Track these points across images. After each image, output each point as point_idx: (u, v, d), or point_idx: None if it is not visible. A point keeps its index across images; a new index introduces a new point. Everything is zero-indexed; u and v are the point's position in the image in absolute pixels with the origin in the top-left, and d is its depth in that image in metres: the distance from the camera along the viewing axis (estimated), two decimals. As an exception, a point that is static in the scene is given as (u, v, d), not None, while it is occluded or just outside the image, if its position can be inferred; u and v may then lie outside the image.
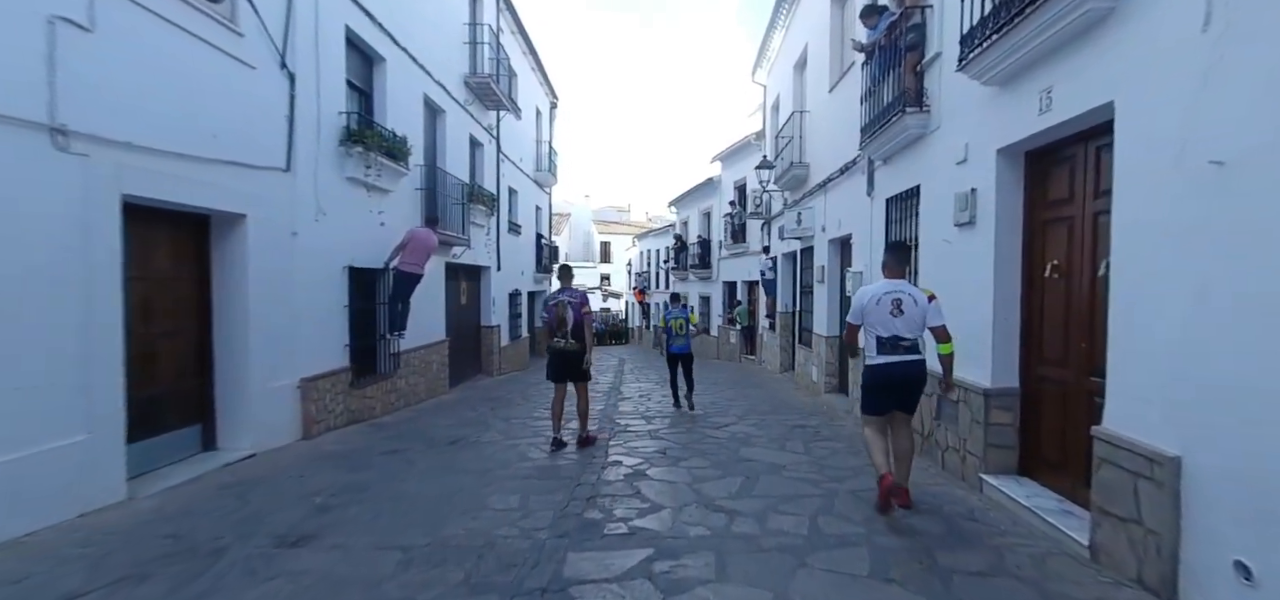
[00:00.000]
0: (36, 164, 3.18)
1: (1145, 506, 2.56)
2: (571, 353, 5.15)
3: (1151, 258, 2.59)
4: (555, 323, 5.17)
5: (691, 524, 3.46)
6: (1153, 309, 2.57)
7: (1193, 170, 2.35)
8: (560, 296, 5.22)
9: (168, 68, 4.03)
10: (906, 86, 5.14)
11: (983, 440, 3.95)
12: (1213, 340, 2.27)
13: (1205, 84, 2.31)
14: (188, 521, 3.41)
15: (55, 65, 3.24)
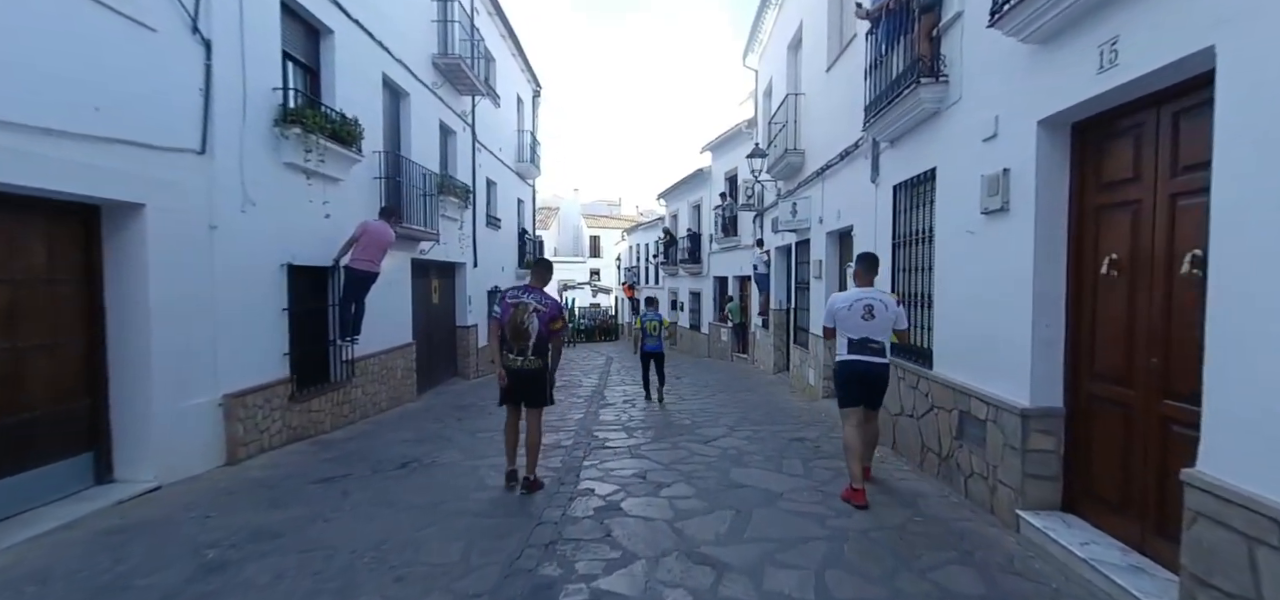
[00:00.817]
0: None
1: (1267, 582, 1.91)
2: (530, 372, 4.03)
3: (1272, 250, 1.94)
4: (511, 330, 3.99)
5: (669, 583, 2.79)
6: (1275, 317, 1.92)
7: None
8: (524, 298, 4.03)
9: (34, 27, 3.27)
10: (920, 53, 4.47)
11: (1019, 469, 3.31)
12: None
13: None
14: (33, 591, 2.68)
15: None
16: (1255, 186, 2.01)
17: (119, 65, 3.86)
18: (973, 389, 3.86)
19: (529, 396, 4.11)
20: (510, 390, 4.10)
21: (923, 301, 4.82)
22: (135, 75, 3.98)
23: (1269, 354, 1.95)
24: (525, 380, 4.06)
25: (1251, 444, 2.00)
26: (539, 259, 4.60)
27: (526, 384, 4.07)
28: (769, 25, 11.71)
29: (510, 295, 4.09)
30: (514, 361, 4.02)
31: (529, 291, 4.09)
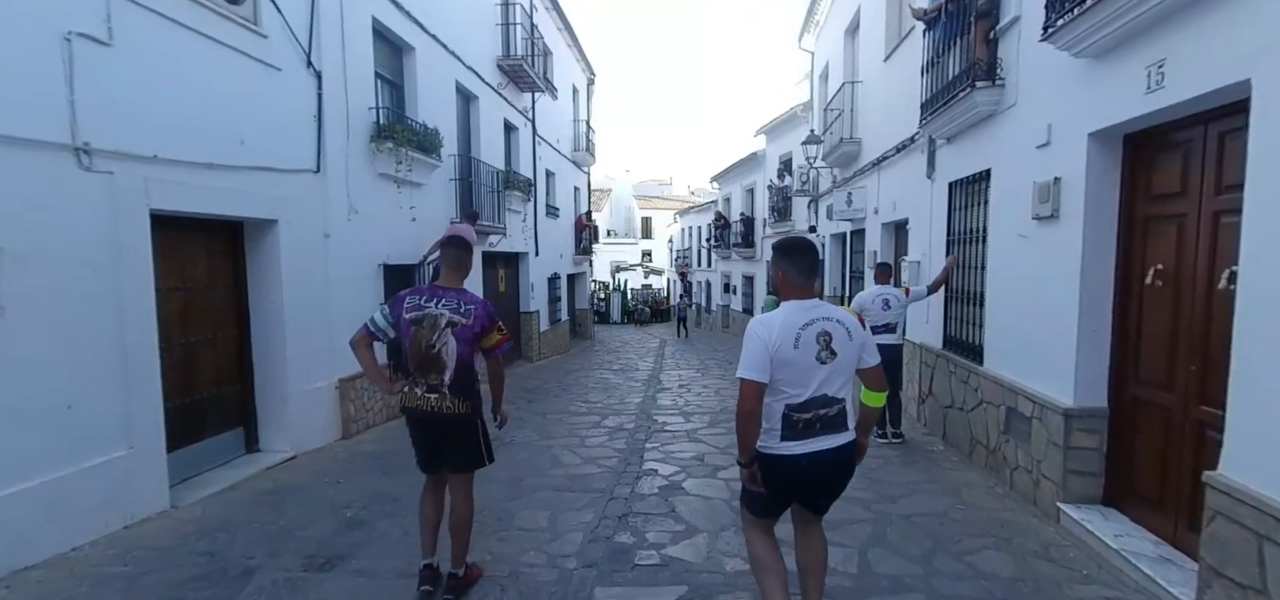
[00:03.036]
0: (62, 185, 3.18)
1: (1273, 576, 2.12)
2: (448, 420, 2.57)
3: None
4: (415, 359, 2.54)
5: (728, 554, 3.22)
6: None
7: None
8: (429, 305, 2.54)
9: (190, 76, 3.98)
10: (976, 57, 4.55)
11: (1061, 464, 3.50)
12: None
13: (1392, 60, 1.79)
14: (224, 536, 3.43)
15: (74, 83, 3.20)
16: (1273, 211, 2.17)
17: (255, 103, 4.57)
18: (1020, 386, 4.03)
19: (451, 455, 2.65)
20: (428, 445, 2.68)
21: (975, 299, 4.96)
22: (266, 110, 4.70)
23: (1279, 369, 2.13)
24: (442, 432, 2.60)
25: (1264, 453, 2.19)
26: (451, 237, 2.81)
27: (444, 437, 2.61)
28: (826, 7, 11.56)
29: (407, 304, 2.56)
30: (421, 401, 2.55)
31: (437, 295, 2.57)
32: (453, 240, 2.80)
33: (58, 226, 3.15)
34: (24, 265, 2.99)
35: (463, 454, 2.68)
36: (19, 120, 2.97)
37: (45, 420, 3.10)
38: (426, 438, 2.68)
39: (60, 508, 3.13)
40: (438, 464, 2.72)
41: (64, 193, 3.18)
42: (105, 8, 3.37)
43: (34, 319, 3.04)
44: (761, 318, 2.10)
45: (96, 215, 3.35)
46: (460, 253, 2.73)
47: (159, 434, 3.74)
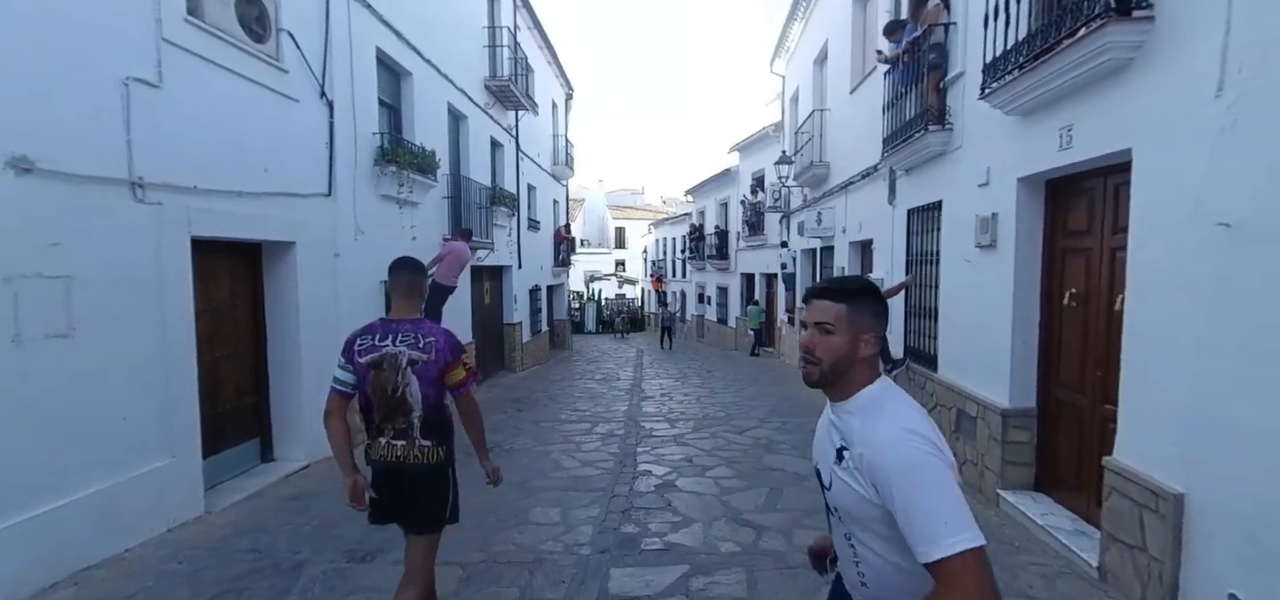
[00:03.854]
0: (119, 216, 3.48)
1: (1150, 536, 2.74)
2: (417, 472, 2.28)
3: (1164, 301, 2.73)
4: (379, 404, 2.27)
5: (722, 539, 3.72)
6: (1163, 350, 2.72)
7: (1205, 226, 2.48)
8: (386, 344, 2.25)
9: (223, 111, 4.29)
10: (929, 103, 5.22)
11: (1000, 457, 4.13)
12: (1220, 388, 2.43)
13: (1217, 147, 2.43)
14: (264, 536, 3.75)
15: (131, 123, 3.51)
16: (1156, 256, 2.80)
17: (276, 133, 4.89)
18: (967, 391, 4.67)
19: (412, 514, 2.31)
20: (387, 500, 2.31)
21: (931, 315, 5.61)
22: (286, 139, 5.01)
23: (1158, 377, 2.75)
24: (411, 483, 2.28)
25: (1144, 441, 2.82)
26: (401, 260, 2.44)
27: (408, 490, 2.29)
28: (796, 36, 12.34)
29: (359, 346, 2.27)
30: (385, 449, 2.29)
31: (393, 330, 2.27)
32: (404, 262, 2.41)
33: (114, 254, 3.45)
34: (87, 290, 3.28)
35: (424, 511, 2.27)
36: (87, 160, 3.27)
37: (104, 432, 3.38)
38: (392, 490, 2.28)
39: (114, 512, 3.41)
40: (390, 519, 2.32)
41: (120, 223, 3.48)
42: (156, 53, 3.69)
43: (95, 339, 3.33)
44: (919, 421, 1.15)
45: (146, 243, 3.65)
46: (414, 276, 2.40)
47: (196, 444, 4.02)
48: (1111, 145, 3.08)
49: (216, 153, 4.22)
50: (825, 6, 9.96)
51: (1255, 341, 2.25)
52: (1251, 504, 2.28)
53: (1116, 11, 2.86)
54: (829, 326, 1.21)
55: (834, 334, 1.21)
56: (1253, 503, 2.28)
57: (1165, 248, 2.72)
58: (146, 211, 3.64)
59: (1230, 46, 2.38)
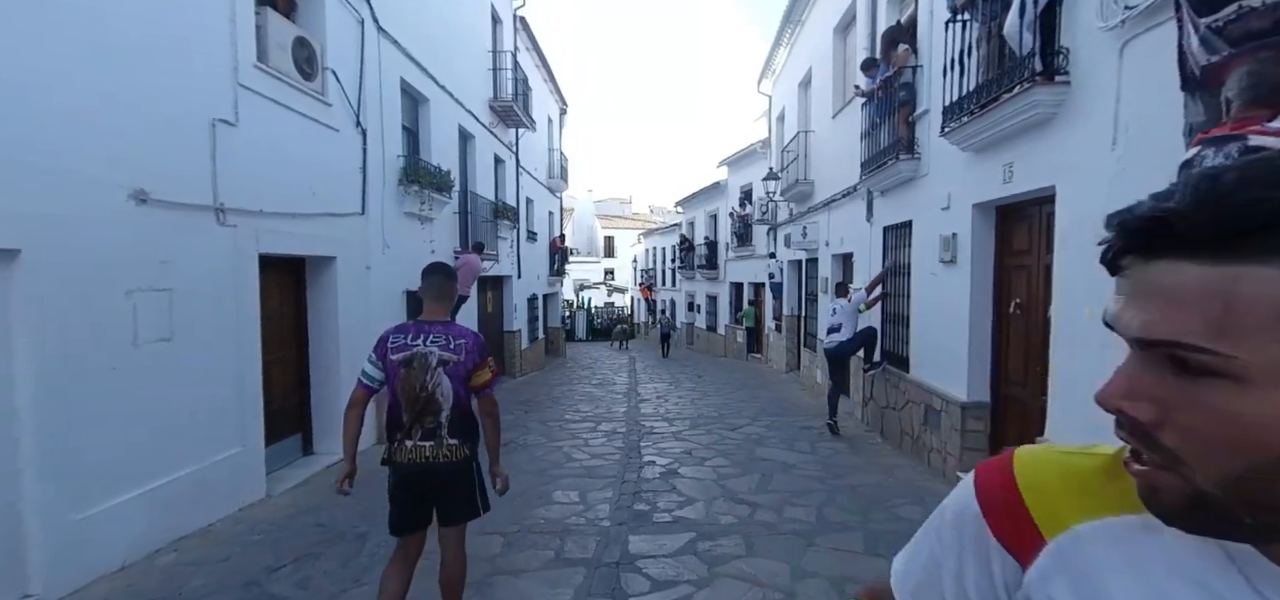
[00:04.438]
0: (206, 238, 4.03)
1: (1072, 498, 3.40)
2: (449, 468, 2.40)
3: (1078, 309, 3.41)
4: (408, 403, 2.37)
5: (721, 513, 4.33)
6: (1078, 348, 3.41)
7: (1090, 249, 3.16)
8: (418, 343, 2.38)
9: (281, 142, 4.85)
10: (900, 136, 5.94)
11: (960, 444, 4.81)
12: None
13: (1112, 187, 3.13)
14: (324, 514, 4.29)
15: (216, 157, 4.07)
16: (1074, 273, 3.49)
17: (321, 160, 5.45)
18: (934, 388, 5.35)
19: (446, 508, 2.47)
20: (412, 502, 2.45)
21: (904, 321, 6.31)
22: (329, 165, 5.58)
23: (1074, 371, 3.44)
24: (440, 481, 2.42)
25: (1066, 423, 3.50)
26: (433, 265, 2.62)
27: (442, 487, 2.43)
28: (781, 61, 13.12)
29: (392, 344, 2.40)
30: (413, 451, 2.37)
31: (424, 330, 2.41)
32: (436, 267, 2.55)
33: (202, 270, 4.00)
34: (182, 301, 3.82)
35: (458, 504, 2.42)
36: (184, 190, 3.83)
37: (194, 422, 3.91)
38: (417, 492, 2.39)
39: (201, 491, 3.94)
40: (423, 520, 2.45)
41: (207, 244, 4.03)
42: (233, 96, 4.26)
43: (188, 343, 3.86)
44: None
45: (225, 260, 4.20)
46: (444, 281, 2.51)
47: (261, 435, 4.56)
48: (1042, 181, 3.78)
49: (276, 179, 4.78)
50: (809, 35, 10.72)
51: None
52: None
53: (1042, 76, 3.57)
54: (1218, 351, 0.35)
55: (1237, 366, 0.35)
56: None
57: (1078, 265, 3.41)
58: (226, 233, 4.19)
59: (1120, 113, 3.08)
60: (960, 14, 4.42)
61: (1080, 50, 3.40)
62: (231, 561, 3.56)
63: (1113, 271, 0.43)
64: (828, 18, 9.20)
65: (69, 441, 3.07)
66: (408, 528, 2.46)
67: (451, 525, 2.48)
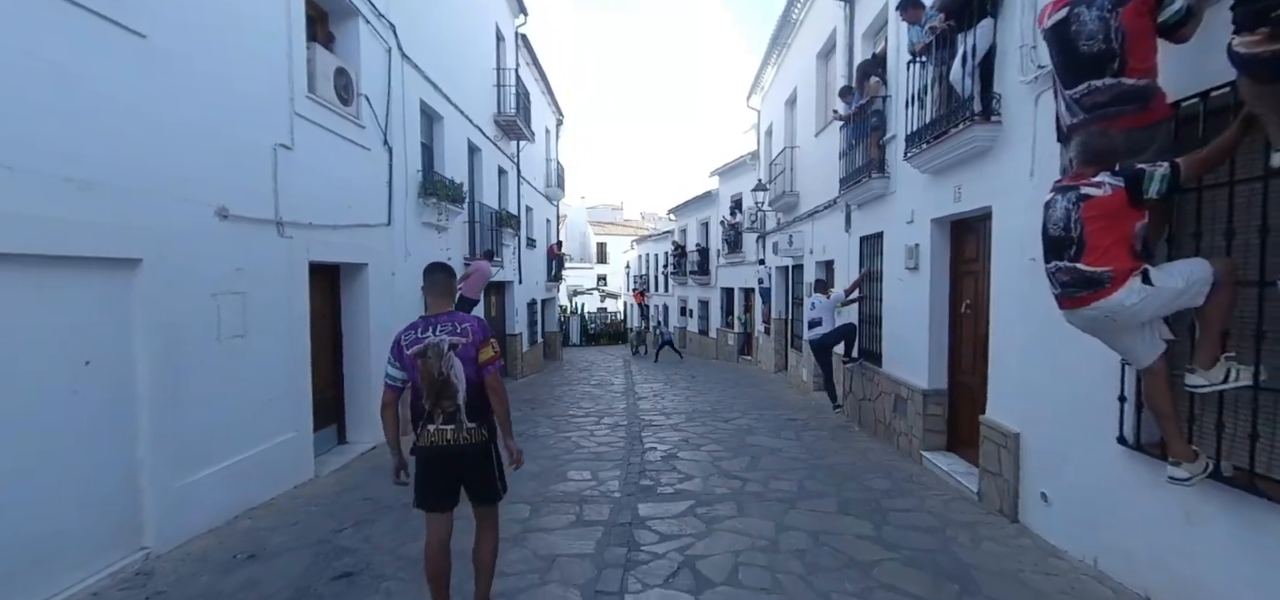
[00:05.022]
0: (269, 248, 4.64)
1: (1004, 465, 4.12)
2: (470, 449, 2.66)
3: (1009, 309, 4.14)
4: (428, 390, 2.63)
5: (716, 486, 5.00)
6: (1008, 342, 4.13)
7: (1024, 260, 3.89)
8: (428, 335, 2.64)
9: (325, 162, 5.47)
10: (872, 157, 6.68)
11: (922, 427, 5.52)
12: (1034, 365, 3.83)
13: (1029, 211, 3.85)
14: (371, 489, 4.90)
15: (278, 179, 4.69)
16: (1004, 280, 4.22)
17: (355, 177, 6.07)
18: (902, 379, 6.06)
19: (474, 487, 2.72)
20: (439, 481, 2.68)
21: (877, 321, 7.03)
22: (361, 181, 6.20)
23: (1006, 360, 4.15)
24: (465, 461, 2.67)
25: (1001, 403, 4.21)
26: (433, 265, 2.90)
27: (467, 467, 2.68)
28: (769, 79, 13.90)
29: (405, 341, 2.66)
30: (435, 434, 2.64)
31: (432, 323, 2.66)
32: (437, 266, 2.85)
33: (266, 276, 4.60)
34: (252, 303, 4.43)
35: (481, 485, 2.69)
36: (254, 207, 4.44)
37: (260, 409, 4.52)
38: (446, 474, 2.64)
39: (265, 469, 4.54)
40: (447, 500, 2.67)
41: (270, 254, 4.65)
42: (290, 124, 4.88)
43: (256, 340, 4.47)
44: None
45: (283, 267, 4.81)
46: (446, 278, 2.81)
47: (310, 422, 5.16)
48: (982, 202, 4.51)
49: (321, 195, 5.39)
50: (795, 58, 11.50)
51: (1045, 336, 3.65)
52: (1049, 436, 3.68)
53: (980, 116, 4.30)
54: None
55: None
56: (1049, 435, 3.68)
57: (1007, 273, 4.13)
58: (284, 243, 4.81)
59: (1036, 150, 3.81)
60: (918, 57, 5.17)
61: (1009, 97, 4.14)
62: (299, 525, 4.16)
63: None
64: (811, 44, 9.97)
65: (173, 420, 3.67)
66: (431, 504, 2.67)
67: (483, 506, 2.74)
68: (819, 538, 3.86)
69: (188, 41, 3.83)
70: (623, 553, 3.67)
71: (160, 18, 3.59)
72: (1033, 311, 3.78)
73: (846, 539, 3.85)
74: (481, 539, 2.77)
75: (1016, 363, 4.03)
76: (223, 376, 4.12)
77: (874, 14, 7.14)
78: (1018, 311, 3.99)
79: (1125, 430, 3.06)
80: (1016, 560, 3.49)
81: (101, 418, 3.28)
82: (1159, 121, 2.50)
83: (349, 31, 6.16)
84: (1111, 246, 2.38)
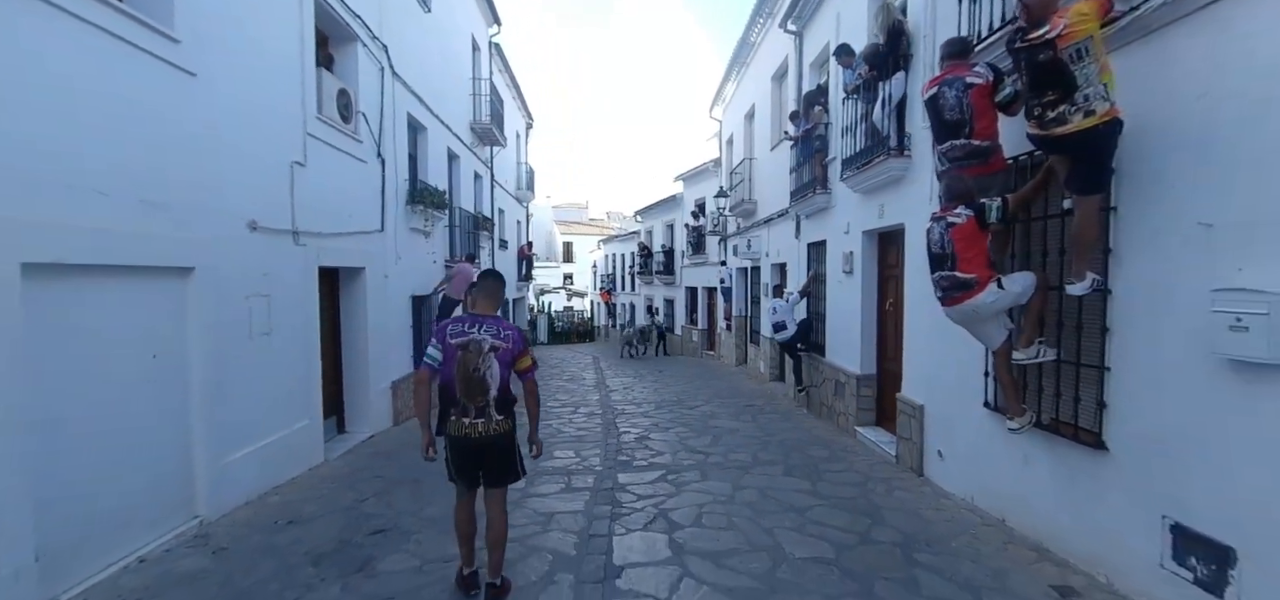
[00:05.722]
0: (287, 255, 5.21)
1: (913, 431, 5.12)
2: (492, 440, 2.94)
3: (917, 308, 5.13)
4: (462, 384, 2.88)
5: (682, 458, 5.85)
6: (917, 334, 5.12)
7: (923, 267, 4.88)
8: (473, 331, 2.90)
9: (331, 176, 6.03)
10: (817, 175, 7.67)
11: (856, 407, 6.52)
12: (932, 352, 4.82)
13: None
14: (379, 469, 5.52)
15: (294, 192, 5.26)
16: (913, 285, 5.21)
17: (354, 188, 6.63)
18: (841, 368, 7.07)
19: (490, 471, 3.01)
20: (467, 464, 2.99)
21: (822, 318, 8.04)
22: (359, 191, 6.76)
23: (915, 348, 5.15)
24: (486, 451, 2.93)
25: (911, 383, 5.22)
26: (488, 271, 3.26)
27: (492, 454, 2.95)
28: (730, 92, 14.89)
29: (451, 332, 2.91)
30: (469, 428, 2.88)
31: (478, 322, 2.91)
32: (490, 272, 3.24)
33: (285, 280, 5.17)
34: (275, 304, 5.00)
35: (501, 470, 2.98)
36: (275, 219, 5.01)
37: (283, 398, 5.08)
38: (470, 460, 2.94)
39: (287, 452, 5.11)
40: (474, 482, 3.00)
41: (288, 260, 5.21)
42: (303, 143, 5.45)
43: (279, 338, 5.04)
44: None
45: (298, 272, 5.37)
46: (496, 284, 3.08)
47: (320, 411, 5.73)
48: (898, 219, 5.51)
49: (327, 206, 5.95)
50: (752, 78, 12.50)
51: (940, 329, 4.63)
52: (943, 406, 4.68)
53: (896, 150, 5.28)
54: None
55: None
56: (943, 405, 4.68)
57: (915, 279, 5.13)
58: (299, 251, 5.37)
59: (932, 183, 4.79)
60: (851, 96, 6.15)
61: (917, 137, 5.14)
62: (325, 498, 4.77)
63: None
64: (767, 67, 10.97)
65: (219, 407, 4.24)
66: (460, 486, 3.04)
67: (495, 488, 3.00)
68: (766, 493, 4.76)
69: (225, 75, 4.39)
70: (608, 509, 4.46)
71: (207, 56, 4.16)
72: (933, 310, 4.76)
73: (788, 493, 4.76)
74: (492, 519, 3.00)
75: (922, 350, 5.03)
76: (254, 369, 4.69)
77: (819, 49, 8.14)
78: (922, 310, 4.98)
79: (988, 397, 4.05)
80: (917, 502, 4.47)
81: (165, 405, 3.84)
82: (997, 172, 3.47)
83: (348, 55, 6.71)
84: (974, 259, 3.33)
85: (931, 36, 4.78)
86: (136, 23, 3.54)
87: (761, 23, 11.17)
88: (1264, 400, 2.28)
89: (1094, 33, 2.60)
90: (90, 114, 3.26)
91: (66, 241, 3.09)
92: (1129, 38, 2.84)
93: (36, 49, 2.97)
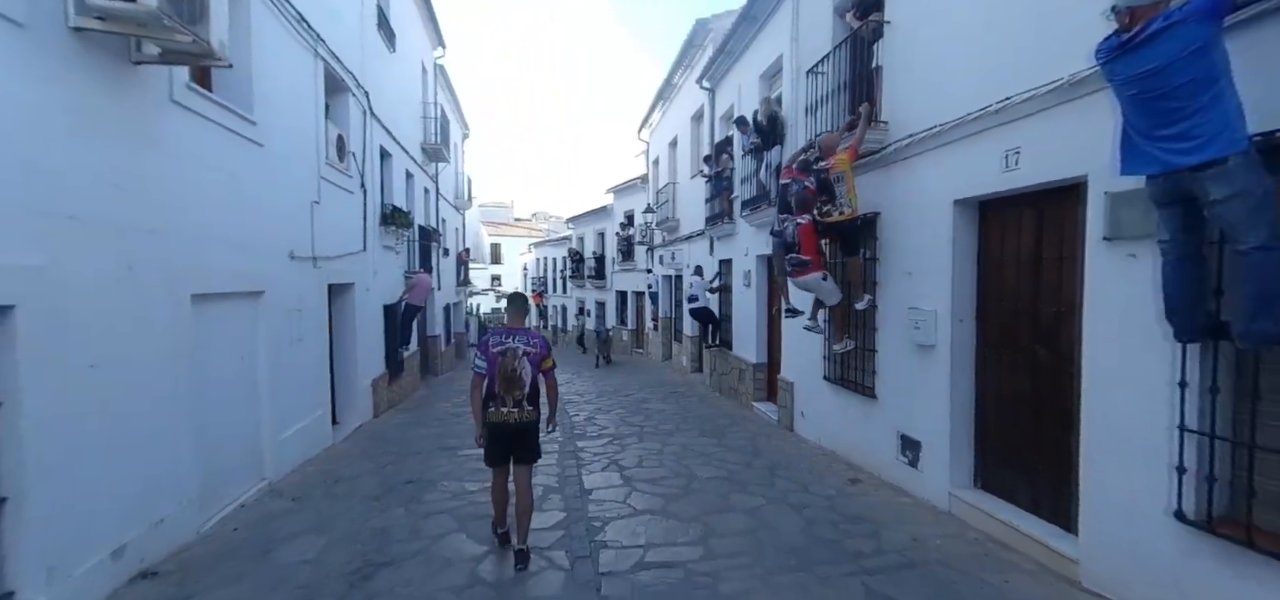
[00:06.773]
0: (310, 277, 6.47)
1: (787, 400, 7.28)
2: (524, 425, 3.69)
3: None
4: (502, 381, 3.61)
5: (625, 431, 7.70)
6: (790, 331, 7.28)
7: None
8: (509, 342, 3.65)
9: (334, 209, 7.29)
10: (725, 207, 9.79)
11: (752, 388, 8.68)
12: (797, 343, 6.98)
13: (797, 259, 7.00)
14: (385, 443, 6.90)
15: (313, 226, 6.54)
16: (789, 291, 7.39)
17: (346, 216, 7.87)
18: (744, 359, 9.22)
19: (520, 452, 3.75)
20: (502, 447, 3.72)
21: (731, 321, 10.19)
22: (349, 219, 8.00)
23: (789, 342, 7.31)
24: (519, 435, 3.69)
25: (787, 366, 7.39)
26: (516, 294, 4.12)
27: (519, 438, 3.71)
28: (657, 119, 16.90)
29: (493, 342, 3.66)
30: (507, 415, 3.63)
31: (513, 333, 3.68)
32: (518, 295, 4.13)
33: (308, 297, 6.43)
34: (303, 317, 6.27)
35: (528, 448, 3.74)
36: (301, 248, 6.28)
37: (307, 393, 6.36)
38: (506, 442, 3.68)
39: (308, 436, 6.39)
40: (507, 456, 3.73)
41: (310, 281, 6.48)
42: (318, 185, 6.72)
43: (305, 344, 6.31)
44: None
45: (315, 290, 6.64)
46: (523, 303, 4.05)
47: (329, 404, 7.00)
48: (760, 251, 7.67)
49: (331, 234, 7.21)
50: (676, 110, 14.56)
51: (800, 331, 6.80)
52: (804, 380, 6.85)
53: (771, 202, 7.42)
54: None
55: None
56: (804, 379, 6.85)
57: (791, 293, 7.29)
58: (316, 273, 6.65)
59: (799, 225, 6.96)
60: (747, 155, 8.27)
61: (788, 192, 7.28)
62: (353, 464, 6.14)
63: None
64: (688, 106, 13.06)
65: (276, 395, 5.53)
66: (496, 462, 3.79)
67: (523, 465, 3.76)
68: (686, 448, 6.70)
69: (277, 140, 5.66)
70: (574, 462, 6.21)
71: (267, 127, 5.45)
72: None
73: (702, 447, 6.73)
74: (520, 492, 3.73)
75: (792, 345, 7.19)
76: (292, 368, 5.97)
77: (728, 105, 10.28)
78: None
79: (827, 373, 6.23)
80: (785, 446, 6.60)
81: (247, 394, 5.13)
82: (809, 262, 5.60)
83: (341, 103, 7.93)
84: (809, 248, 5.36)
85: (798, 126, 6.94)
86: (234, 114, 4.84)
87: (683, 71, 13.24)
88: (930, 365, 4.48)
89: (845, 169, 4.74)
90: (213, 185, 4.57)
91: (209, 278, 4.40)
92: (880, 165, 5.04)
93: (195, 150, 4.28)
